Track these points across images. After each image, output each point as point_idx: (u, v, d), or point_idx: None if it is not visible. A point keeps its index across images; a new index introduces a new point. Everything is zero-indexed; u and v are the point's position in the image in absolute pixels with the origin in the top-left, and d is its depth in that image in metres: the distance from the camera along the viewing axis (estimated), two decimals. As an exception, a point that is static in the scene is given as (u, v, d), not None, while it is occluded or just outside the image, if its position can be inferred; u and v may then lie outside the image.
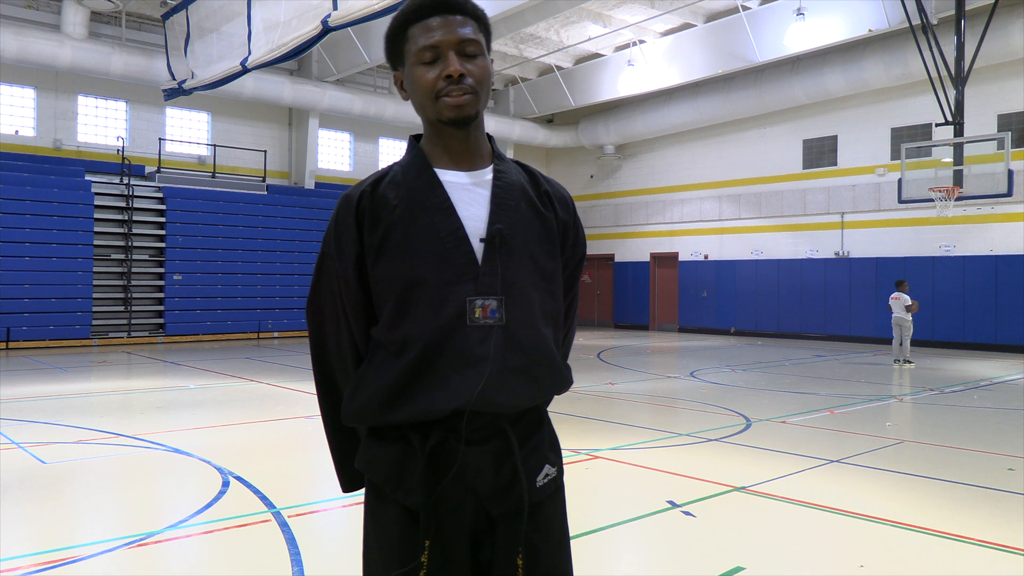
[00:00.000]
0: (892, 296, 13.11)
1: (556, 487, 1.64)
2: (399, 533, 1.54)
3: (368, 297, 1.60)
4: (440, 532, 1.52)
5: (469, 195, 1.58)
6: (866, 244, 18.06)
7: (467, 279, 1.53)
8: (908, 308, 12.87)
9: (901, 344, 12.96)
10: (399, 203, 1.56)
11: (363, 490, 1.68)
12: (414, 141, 1.67)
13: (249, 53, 11.91)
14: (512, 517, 1.55)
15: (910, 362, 12.97)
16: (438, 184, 1.58)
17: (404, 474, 1.54)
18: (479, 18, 1.61)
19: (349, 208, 1.58)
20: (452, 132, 1.59)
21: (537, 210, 1.62)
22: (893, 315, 13.06)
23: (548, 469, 1.61)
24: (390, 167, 1.65)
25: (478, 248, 1.54)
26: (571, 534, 1.73)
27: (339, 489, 1.79)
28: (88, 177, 16.71)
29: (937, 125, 13.78)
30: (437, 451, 1.52)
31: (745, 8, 16.34)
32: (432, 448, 1.52)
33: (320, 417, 1.78)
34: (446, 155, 1.61)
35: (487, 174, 1.62)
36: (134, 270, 16.83)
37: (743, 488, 5.12)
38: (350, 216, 1.58)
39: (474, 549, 1.57)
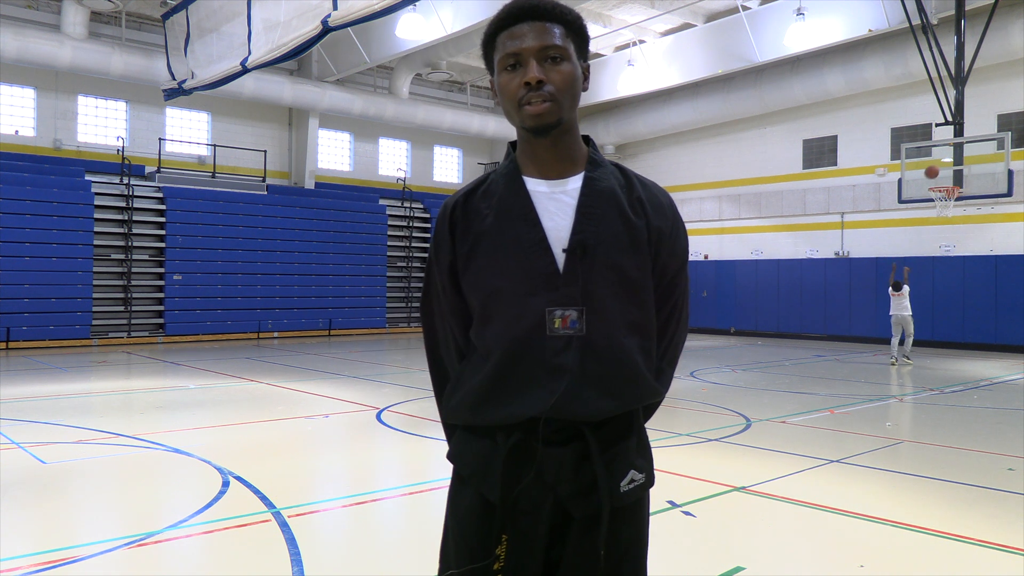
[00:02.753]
0: (894, 294, 13.17)
1: (644, 494, 1.64)
2: (476, 525, 1.59)
3: (463, 302, 1.66)
4: (518, 528, 1.56)
5: (555, 205, 1.60)
6: (866, 244, 18.07)
7: (548, 289, 1.55)
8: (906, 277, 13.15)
9: (902, 343, 13.07)
10: (489, 213, 1.61)
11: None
12: (511, 148, 1.69)
13: (249, 53, 11.91)
14: (591, 520, 1.56)
15: (908, 361, 13.07)
16: (525, 194, 1.60)
17: (488, 469, 1.58)
18: (569, 23, 1.60)
19: (444, 218, 1.67)
20: (537, 140, 1.60)
21: (626, 218, 1.60)
22: (895, 314, 13.11)
23: (634, 475, 1.60)
24: (487, 175, 1.68)
25: (560, 258, 1.56)
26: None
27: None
28: (88, 177, 16.70)
29: (937, 125, 13.78)
30: (517, 449, 1.56)
31: (745, 8, 16.33)
32: (512, 446, 1.56)
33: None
34: (535, 163, 1.63)
35: (576, 182, 1.62)
36: (134, 270, 16.83)
37: (743, 488, 5.12)
38: (444, 225, 1.65)
39: (548, 547, 1.60)
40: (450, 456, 1.69)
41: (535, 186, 1.61)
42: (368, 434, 7.15)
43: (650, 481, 1.66)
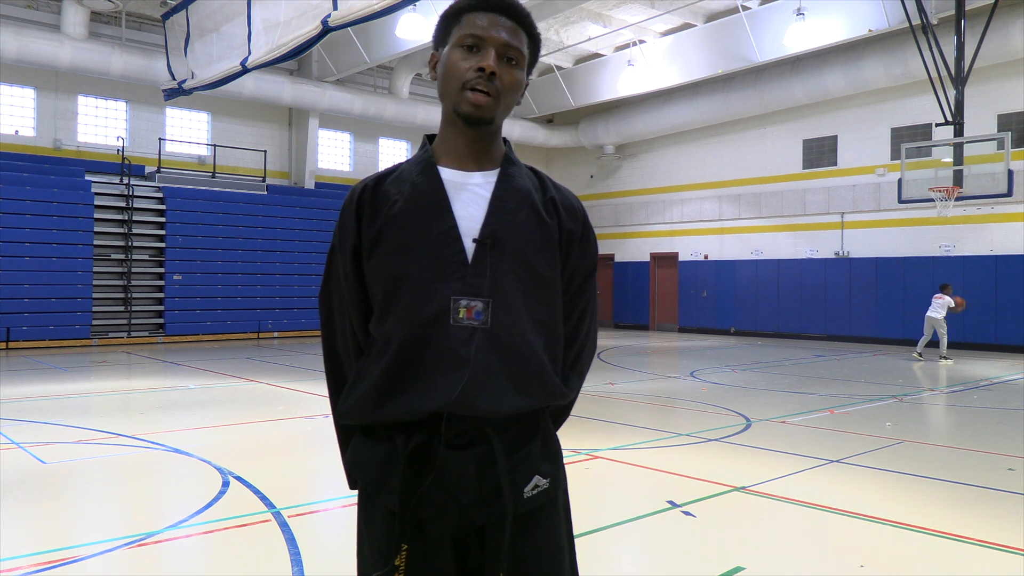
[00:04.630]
0: (936, 296, 14.02)
1: (549, 499, 1.58)
2: (386, 534, 1.52)
3: (365, 291, 1.61)
4: (421, 537, 1.50)
5: (469, 195, 1.57)
6: (866, 244, 18.06)
7: (454, 278, 1.51)
8: (952, 309, 13.83)
9: (938, 343, 13.96)
10: (399, 198, 1.57)
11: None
12: (427, 140, 1.67)
13: (249, 53, 11.90)
14: (496, 527, 1.51)
15: (947, 358, 13.87)
16: (439, 182, 1.57)
17: (388, 475, 1.52)
18: (533, 36, 1.63)
19: (351, 202, 1.61)
20: (463, 129, 1.58)
21: (539, 216, 1.59)
22: (929, 314, 13.95)
23: (538, 480, 1.55)
24: (399, 164, 1.66)
25: (470, 249, 1.53)
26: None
27: (340, 489, 1.78)
28: (88, 177, 16.71)
29: (937, 125, 13.78)
30: (418, 453, 1.50)
31: (745, 8, 16.33)
32: (413, 450, 1.50)
33: (330, 414, 1.75)
34: (454, 154, 1.60)
35: (492, 176, 1.60)
36: (134, 270, 16.83)
37: (743, 488, 5.12)
38: (351, 209, 1.60)
39: (461, 556, 1.54)
40: (347, 464, 1.62)
41: (450, 176, 1.58)
42: (368, 434, 7.13)
43: (557, 486, 1.60)
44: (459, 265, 1.52)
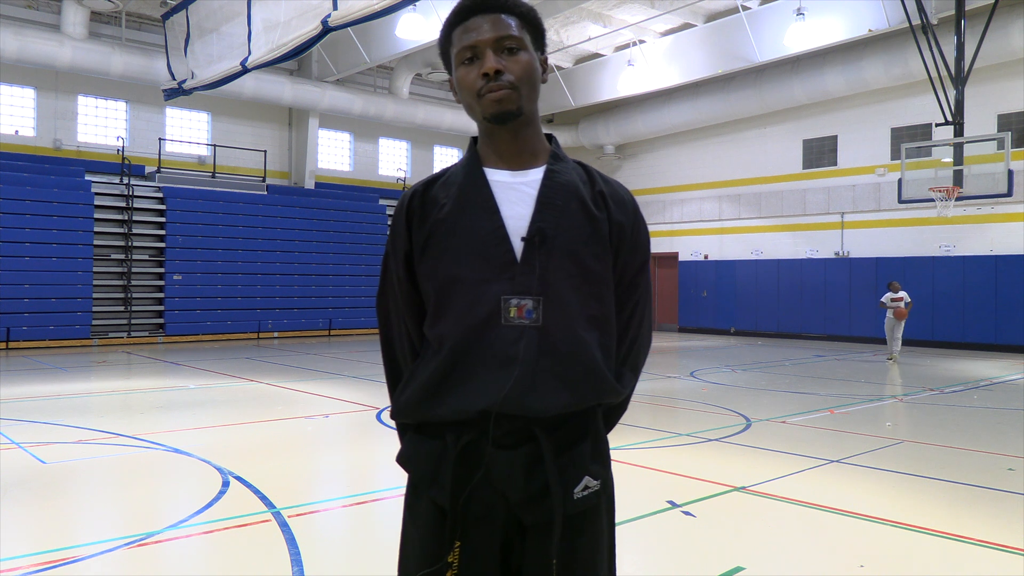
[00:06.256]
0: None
1: (598, 501, 1.58)
2: (432, 531, 1.54)
3: (419, 294, 1.63)
4: (470, 534, 1.51)
5: (516, 194, 1.58)
6: (866, 244, 18.07)
7: (504, 278, 1.52)
8: (882, 304, 13.82)
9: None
10: (447, 202, 1.58)
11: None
12: (473, 143, 1.68)
13: (249, 53, 11.90)
14: (543, 528, 1.51)
15: (891, 359, 13.75)
16: (484, 183, 1.58)
17: (438, 472, 1.54)
18: (522, 14, 1.60)
19: (402, 207, 1.64)
20: (498, 130, 1.59)
21: (588, 211, 1.58)
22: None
23: (588, 481, 1.54)
24: (448, 168, 1.68)
25: (518, 247, 1.53)
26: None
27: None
28: (88, 177, 16.70)
29: (937, 125, 13.78)
30: (467, 452, 1.52)
31: (745, 8, 16.33)
32: (462, 448, 1.51)
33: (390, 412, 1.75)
34: (496, 154, 1.62)
35: (538, 173, 1.61)
36: (134, 270, 16.83)
37: (743, 488, 5.12)
38: (402, 215, 1.63)
39: (506, 554, 1.55)
40: (400, 459, 1.63)
41: (495, 176, 1.59)
42: (368, 434, 7.15)
43: (606, 488, 1.59)
44: (508, 264, 1.53)
